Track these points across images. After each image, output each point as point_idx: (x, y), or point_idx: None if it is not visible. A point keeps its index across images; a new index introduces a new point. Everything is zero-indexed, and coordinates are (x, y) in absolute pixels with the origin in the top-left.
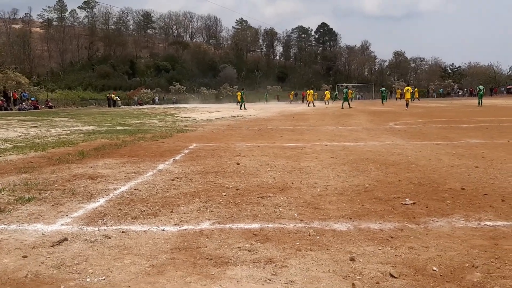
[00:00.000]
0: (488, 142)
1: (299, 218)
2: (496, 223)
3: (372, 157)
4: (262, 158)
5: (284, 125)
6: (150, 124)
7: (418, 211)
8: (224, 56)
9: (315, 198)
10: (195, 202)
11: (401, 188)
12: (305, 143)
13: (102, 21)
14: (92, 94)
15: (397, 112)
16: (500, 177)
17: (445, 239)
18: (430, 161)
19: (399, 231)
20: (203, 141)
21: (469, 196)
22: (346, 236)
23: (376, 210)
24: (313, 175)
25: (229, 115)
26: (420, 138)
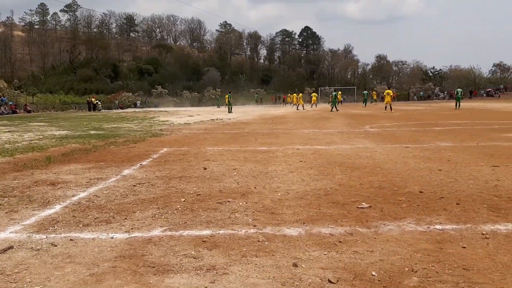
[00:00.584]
0: (457, 145)
1: (253, 223)
2: (445, 226)
3: (340, 161)
4: (231, 163)
5: (262, 128)
6: (126, 128)
7: (372, 215)
8: (208, 59)
9: (274, 203)
10: (152, 208)
11: (362, 191)
12: (277, 147)
13: (85, 24)
14: (74, 98)
15: (375, 115)
16: (461, 180)
17: (392, 243)
18: (396, 164)
19: (348, 236)
20: (175, 145)
21: (425, 200)
22: (295, 241)
23: (332, 214)
24: (277, 179)
25: (208, 119)
26: (391, 141)
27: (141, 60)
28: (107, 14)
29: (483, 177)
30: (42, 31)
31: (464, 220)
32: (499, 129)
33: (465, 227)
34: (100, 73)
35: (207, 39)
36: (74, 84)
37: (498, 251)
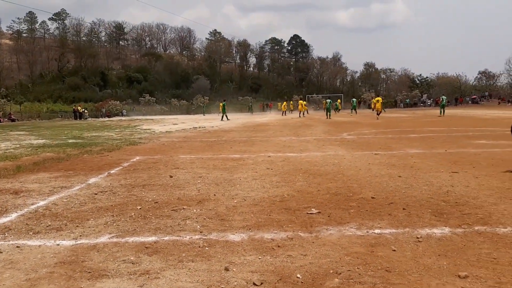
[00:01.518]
0: (426, 152)
1: (200, 230)
2: (384, 231)
3: (306, 168)
4: (199, 170)
5: (241, 136)
6: (105, 137)
7: (319, 220)
8: (197, 67)
9: (228, 210)
10: (106, 216)
11: (317, 198)
12: (250, 154)
13: (74, 33)
14: (62, 106)
15: (357, 122)
16: (416, 186)
17: (327, 247)
18: (359, 171)
19: (288, 240)
20: (149, 153)
21: (375, 205)
22: (235, 246)
23: (280, 220)
24: (239, 186)
25: (191, 127)
26: (363, 148)
27: (130, 68)
28: (96, 23)
29: (438, 183)
30: (30, 40)
31: (404, 224)
32: (472, 136)
33: (403, 231)
34: (88, 81)
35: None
36: (63, 92)
37: (425, 253)
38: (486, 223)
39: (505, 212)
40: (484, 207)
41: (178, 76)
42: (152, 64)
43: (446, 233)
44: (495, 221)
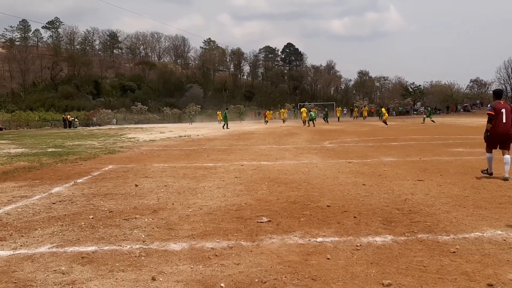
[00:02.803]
0: (399, 160)
1: (143, 239)
2: (326, 239)
3: (274, 176)
4: (167, 179)
5: (222, 144)
6: (87, 146)
7: (266, 229)
8: (191, 76)
9: (180, 219)
10: (56, 225)
11: (274, 206)
12: (224, 163)
13: (67, 41)
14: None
15: (344, 130)
16: (376, 194)
17: (264, 256)
18: (326, 179)
19: (228, 249)
20: (124, 162)
21: (328, 213)
22: (172, 255)
23: (227, 229)
24: (201, 195)
25: (177, 135)
26: (339, 157)
27: (124, 77)
28: (90, 31)
29: (399, 191)
30: (23, 48)
31: (350, 232)
32: (451, 144)
33: (345, 239)
34: (81, 90)
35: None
36: (55, 101)
37: (358, 262)
38: (431, 231)
39: (454, 220)
40: (436, 215)
41: (171, 84)
42: (146, 73)
43: (387, 241)
44: (441, 229)
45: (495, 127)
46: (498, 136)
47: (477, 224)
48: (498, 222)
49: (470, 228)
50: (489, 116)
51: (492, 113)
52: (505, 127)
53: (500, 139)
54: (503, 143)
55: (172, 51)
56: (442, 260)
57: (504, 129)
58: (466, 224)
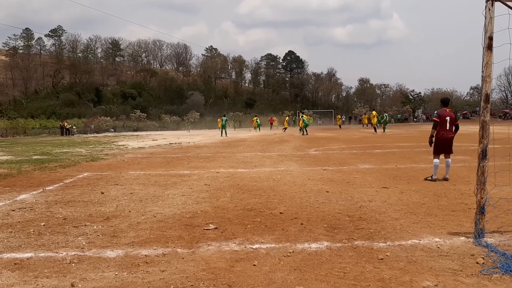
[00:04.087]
0: (375, 167)
1: (83, 246)
2: (262, 246)
3: (244, 184)
4: (136, 187)
5: (208, 152)
6: (73, 153)
7: (209, 236)
8: (192, 83)
9: (128, 226)
10: (5, 232)
11: (228, 213)
12: (200, 170)
13: (70, 49)
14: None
15: (334, 138)
16: (334, 201)
17: (192, 263)
18: (293, 186)
19: (161, 256)
20: (101, 170)
21: (278, 220)
22: (103, 262)
23: (171, 236)
24: (161, 202)
25: (168, 143)
26: (317, 164)
27: (126, 84)
28: (93, 39)
29: (359, 198)
30: (26, 56)
31: (290, 239)
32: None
33: (281, 245)
34: (83, 97)
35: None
36: (56, 108)
37: (281, 268)
38: (370, 238)
39: (398, 227)
40: (384, 222)
41: (172, 92)
42: (147, 80)
43: (321, 247)
44: (381, 236)
45: (440, 133)
46: (443, 142)
47: (419, 232)
48: (441, 230)
49: (410, 235)
50: (434, 122)
51: (437, 120)
52: (448, 133)
53: (444, 144)
54: (447, 148)
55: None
56: (365, 267)
57: (447, 135)
58: (408, 232)
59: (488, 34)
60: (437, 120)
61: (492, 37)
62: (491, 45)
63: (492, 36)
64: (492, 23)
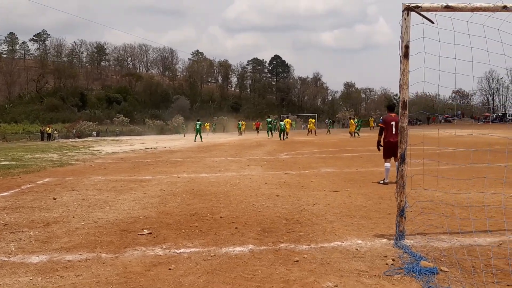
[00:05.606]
0: (336, 171)
1: (10, 252)
2: (187, 250)
3: (199, 188)
4: (91, 192)
5: (180, 157)
6: (44, 159)
7: (139, 241)
8: (178, 87)
9: (65, 232)
10: None
11: (170, 218)
12: (163, 176)
13: (54, 53)
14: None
15: (310, 142)
16: (280, 205)
17: (110, 267)
18: (246, 191)
19: (83, 261)
20: (64, 175)
21: (215, 225)
22: (23, 268)
23: (103, 241)
24: (109, 208)
25: (143, 148)
26: (282, 168)
27: (111, 88)
28: (78, 43)
29: (305, 201)
30: (10, 60)
31: (218, 243)
32: None
33: (206, 250)
34: (67, 102)
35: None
36: (40, 113)
37: (195, 272)
38: (296, 241)
39: (329, 229)
40: (318, 224)
41: (158, 96)
42: (132, 85)
43: (244, 251)
44: (308, 239)
45: (387, 138)
46: (390, 146)
47: (346, 234)
48: (369, 232)
49: (336, 237)
50: (380, 128)
51: (383, 126)
52: (394, 137)
53: (392, 148)
54: (394, 152)
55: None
56: (277, 269)
57: (393, 139)
58: (336, 234)
59: (404, 43)
60: (383, 125)
61: (408, 46)
62: (408, 53)
63: (408, 45)
64: (408, 32)
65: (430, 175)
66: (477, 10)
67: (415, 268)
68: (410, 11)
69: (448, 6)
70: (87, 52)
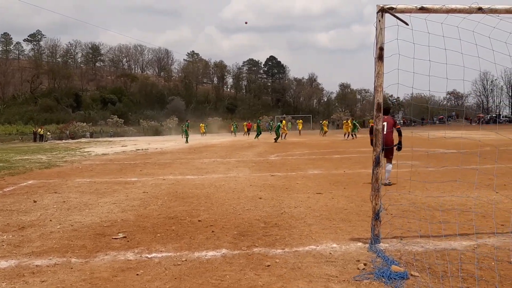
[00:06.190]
0: (323, 173)
1: None
2: (159, 254)
3: (183, 191)
4: (72, 195)
5: (169, 158)
6: (32, 160)
7: (113, 245)
8: (173, 88)
9: (40, 236)
10: None
11: (148, 222)
12: (148, 177)
13: (49, 54)
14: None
15: (304, 143)
16: (261, 207)
17: (78, 273)
18: (230, 193)
19: (52, 266)
20: (49, 177)
21: (192, 228)
22: None
23: (75, 245)
24: (88, 211)
25: (134, 149)
26: (269, 170)
27: (106, 89)
28: (73, 44)
29: (287, 204)
30: (4, 61)
31: (192, 247)
32: None
33: (178, 254)
34: (62, 103)
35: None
36: (34, 114)
37: (162, 277)
38: (271, 244)
39: (306, 233)
40: (296, 228)
41: (153, 97)
42: (128, 85)
43: (216, 255)
44: (284, 242)
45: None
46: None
47: (323, 238)
48: (345, 236)
49: (312, 241)
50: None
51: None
52: (386, 137)
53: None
54: (386, 152)
55: (156, 64)
56: (246, 274)
57: (386, 139)
58: (312, 238)
59: (379, 45)
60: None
61: (383, 48)
62: (382, 55)
63: (383, 47)
64: (383, 34)
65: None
66: (452, 12)
67: (385, 273)
68: (384, 13)
69: (423, 7)
70: (82, 53)
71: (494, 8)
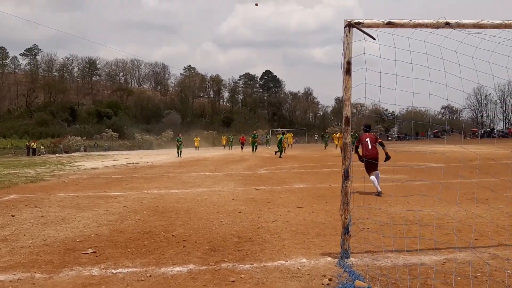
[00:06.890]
0: (308, 187)
1: None
2: (124, 270)
3: (164, 205)
4: (53, 209)
5: (157, 172)
6: (19, 174)
7: (80, 260)
8: (170, 102)
9: (9, 251)
10: None
11: (121, 237)
12: (132, 192)
13: (45, 68)
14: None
15: (295, 157)
16: (238, 222)
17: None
18: (210, 207)
19: (14, 282)
20: (33, 191)
21: (164, 243)
22: None
23: (43, 260)
24: (64, 225)
25: (125, 163)
26: (255, 184)
27: (102, 103)
28: (69, 58)
29: (265, 218)
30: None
31: (160, 262)
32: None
33: (143, 270)
34: (57, 116)
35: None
36: (29, 128)
37: None
38: (241, 260)
39: (278, 248)
40: (269, 242)
41: (149, 111)
42: (124, 99)
43: (183, 271)
44: (254, 257)
45: (365, 153)
46: (370, 159)
47: (294, 252)
48: (317, 251)
49: (283, 256)
50: (355, 146)
51: (357, 144)
52: (372, 152)
53: (372, 161)
54: (375, 165)
55: (152, 78)
56: None
57: (371, 153)
58: (283, 253)
59: (346, 59)
60: (357, 144)
61: (350, 62)
62: (350, 69)
63: (350, 61)
64: (350, 49)
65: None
66: (419, 27)
67: None
68: (351, 28)
69: (390, 22)
70: (79, 67)
71: (462, 22)
